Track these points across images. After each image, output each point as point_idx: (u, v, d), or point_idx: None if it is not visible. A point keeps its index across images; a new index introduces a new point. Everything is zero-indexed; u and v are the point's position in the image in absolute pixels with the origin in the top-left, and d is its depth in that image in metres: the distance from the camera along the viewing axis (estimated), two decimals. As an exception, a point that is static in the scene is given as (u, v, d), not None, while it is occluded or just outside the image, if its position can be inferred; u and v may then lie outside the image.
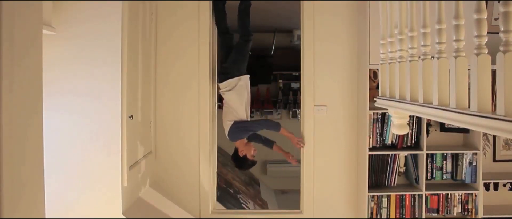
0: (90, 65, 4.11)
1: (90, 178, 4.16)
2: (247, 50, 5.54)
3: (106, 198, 4.18)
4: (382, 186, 5.45)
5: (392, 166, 5.38)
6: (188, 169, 5.61)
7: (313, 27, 5.47)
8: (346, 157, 5.60)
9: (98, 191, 4.17)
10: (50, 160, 3.41)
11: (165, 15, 5.51)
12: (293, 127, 6.36)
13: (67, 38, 4.07)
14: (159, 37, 5.50)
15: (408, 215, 5.35)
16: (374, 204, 5.33)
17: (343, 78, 5.53)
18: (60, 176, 4.06)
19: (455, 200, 5.39)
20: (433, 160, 5.40)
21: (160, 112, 5.57)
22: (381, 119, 5.28)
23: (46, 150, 2.27)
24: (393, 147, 5.40)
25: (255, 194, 9.79)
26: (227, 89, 5.26)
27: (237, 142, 5.29)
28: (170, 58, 5.54)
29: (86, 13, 4.09)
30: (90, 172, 4.15)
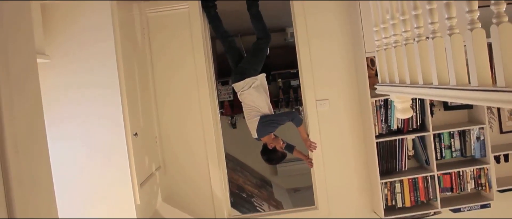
0: (88, 89, 4.11)
1: (103, 200, 4.16)
2: (265, 51, 5.52)
3: (121, 217, 4.18)
4: (393, 172, 5.45)
5: (401, 151, 5.37)
6: (199, 179, 5.62)
7: (305, 24, 5.48)
8: (354, 147, 5.60)
9: (112, 212, 4.17)
10: (62, 187, 3.43)
11: (157, 29, 5.52)
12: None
13: (62, 65, 4.08)
14: (154, 52, 5.51)
15: (423, 197, 5.35)
16: (388, 190, 5.33)
17: (341, 70, 5.54)
18: (74, 202, 4.07)
19: (468, 177, 5.39)
20: (440, 139, 5.40)
21: (164, 126, 5.59)
22: (384, 105, 5.28)
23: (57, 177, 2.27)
24: (399, 132, 5.40)
25: (268, 195, 9.78)
26: (245, 89, 5.23)
27: (265, 138, 5.23)
28: (167, 71, 5.55)
29: (78, 37, 4.10)
30: (102, 194, 4.15)
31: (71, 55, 4.10)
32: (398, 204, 5.36)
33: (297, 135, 5.47)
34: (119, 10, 4.25)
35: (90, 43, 4.10)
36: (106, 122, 4.13)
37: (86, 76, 4.11)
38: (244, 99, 5.29)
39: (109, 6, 4.08)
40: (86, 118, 4.13)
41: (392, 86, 3.47)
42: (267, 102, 5.29)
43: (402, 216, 5.28)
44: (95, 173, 4.15)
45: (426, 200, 5.38)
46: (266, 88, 5.40)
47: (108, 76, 4.09)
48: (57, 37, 4.09)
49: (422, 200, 5.37)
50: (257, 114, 5.17)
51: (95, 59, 4.11)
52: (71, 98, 4.11)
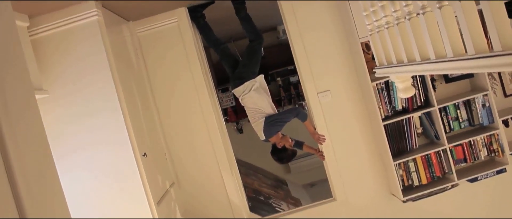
0: (91, 117, 4.12)
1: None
2: (259, 52, 5.52)
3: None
4: (405, 152, 5.45)
5: (409, 130, 5.37)
6: (214, 189, 5.62)
7: (295, 19, 5.48)
8: (363, 133, 5.60)
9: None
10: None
11: (149, 47, 5.52)
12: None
13: (62, 97, 4.10)
14: (150, 70, 5.51)
15: (438, 172, 5.35)
16: (403, 171, 5.33)
17: (338, 59, 5.53)
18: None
19: (479, 145, 5.38)
20: (446, 112, 5.39)
21: (171, 142, 5.59)
22: (385, 88, 5.28)
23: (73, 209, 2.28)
24: (405, 111, 5.39)
25: (285, 194, 9.77)
26: (246, 93, 5.23)
27: (273, 138, 5.23)
28: (166, 87, 5.55)
29: (73, 68, 4.11)
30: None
31: (69, 87, 4.11)
32: (415, 182, 5.36)
33: (304, 131, 5.47)
34: (109, 35, 4.26)
35: (86, 72, 4.11)
36: (113, 147, 4.13)
37: (87, 105, 4.12)
38: (246, 103, 5.29)
39: (99, 32, 4.09)
40: (94, 146, 4.14)
41: (390, 67, 3.47)
42: (270, 103, 5.29)
43: (421, 193, 5.27)
44: (111, 199, 4.15)
45: (442, 175, 5.38)
46: (266, 89, 5.40)
47: (108, 102, 4.10)
48: (52, 71, 4.10)
49: (438, 175, 5.36)
50: (261, 116, 5.17)
51: (93, 86, 4.12)
52: (76, 129, 4.12)
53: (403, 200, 5.27)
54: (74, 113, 4.12)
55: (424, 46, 2.75)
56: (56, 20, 4.04)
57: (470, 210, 5.71)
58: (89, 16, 4.06)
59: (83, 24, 4.09)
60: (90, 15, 4.05)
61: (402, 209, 5.61)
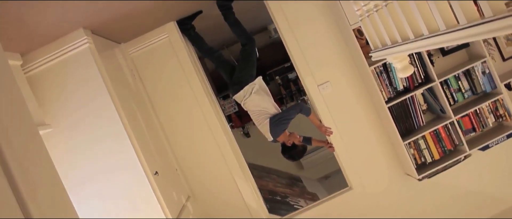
0: (98, 144, 4.13)
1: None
2: (254, 54, 5.49)
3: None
4: (413, 131, 5.44)
5: (414, 108, 5.36)
6: (230, 197, 5.62)
7: (284, 16, 5.47)
8: (368, 119, 5.60)
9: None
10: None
11: (144, 66, 5.52)
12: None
13: (66, 128, 4.10)
14: (148, 88, 5.52)
15: (449, 145, 5.34)
16: (414, 149, 5.33)
17: (332, 49, 5.53)
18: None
19: (485, 112, 5.37)
20: (448, 85, 5.39)
21: (181, 156, 5.59)
22: (384, 70, 5.27)
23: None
24: (406, 90, 5.39)
25: (301, 191, 9.78)
26: (247, 97, 5.23)
27: (280, 137, 5.21)
28: (167, 103, 5.55)
29: (72, 98, 4.12)
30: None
31: (71, 117, 4.12)
32: (428, 159, 5.36)
33: (310, 126, 5.47)
34: (103, 60, 4.27)
35: (85, 100, 4.11)
36: (124, 170, 4.14)
37: (92, 133, 4.13)
38: (249, 107, 5.28)
39: (93, 58, 4.09)
40: (105, 173, 4.14)
41: (385, 49, 3.46)
42: (272, 103, 5.29)
43: (435, 169, 5.27)
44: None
45: (453, 148, 5.37)
46: (266, 90, 5.40)
47: (112, 126, 4.11)
48: (52, 104, 4.11)
49: (449, 149, 5.36)
50: (265, 117, 5.17)
51: (95, 113, 4.12)
52: (85, 158, 4.13)
53: (418, 178, 5.27)
54: (80, 142, 4.13)
55: (416, 23, 2.75)
56: (48, 53, 4.05)
57: (486, 178, 5.71)
58: (80, 45, 4.06)
59: (75, 53, 4.09)
60: (81, 44, 4.06)
61: (419, 187, 5.60)
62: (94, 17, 4.00)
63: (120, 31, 4.95)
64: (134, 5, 4.17)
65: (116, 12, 4.12)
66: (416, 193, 5.67)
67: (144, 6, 4.32)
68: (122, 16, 4.33)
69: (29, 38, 3.77)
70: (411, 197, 5.69)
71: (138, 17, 4.67)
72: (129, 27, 4.97)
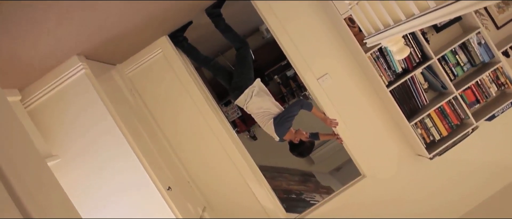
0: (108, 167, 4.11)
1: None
2: (249, 57, 5.50)
3: None
4: (417, 111, 5.44)
5: (415, 88, 5.36)
6: (246, 202, 5.62)
7: (274, 15, 5.47)
8: (372, 105, 5.59)
9: None
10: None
11: (142, 83, 5.53)
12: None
13: (74, 156, 4.09)
14: (150, 105, 5.52)
15: (456, 120, 5.33)
16: (421, 129, 5.32)
17: (326, 41, 5.52)
18: None
19: (487, 82, 5.36)
20: (446, 60, 5.38)
21: (191, 168, 5.60)
22: (380, 55, 5.27)
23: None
24: (406, 72, 5.38)
25: (315, 186, 9.79)
26: (248, 101, 5.23)
27: (287, 135, 5.22)
28: (170, 117, 5.56)
29: (76, 125, 4.11)
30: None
31: (77, 145, 4.11)
32: (436, 137, 5.36)
33: (316, 120, 5.47)
34: (101, 84, 4.27)
35: (89, 125, 4.11)
36: (137, 189, 4.13)
37: (100, 157, 4.12)
38: (251, 110, 5.29)
39: (90, 84, 4.09)
40: (119, 194, 4.13)
41: (379, 34, 3.46)
42: (273, 102, 5.29)
43: (445, 146, 5.26)
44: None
45: (459, 122, 5.36)
46: (266, 90, 5.40)
47: (119, 148, 4.10)
48: (57, 134, 4.10)
49: (456, 124, 5.35)
50: (269, 117, 5.17)
51: (100, 137, 4.12)
52: (97, 183, 4.12)
53: (429, 157, 5.27)
54: (91, 168, 4.12)
55: (406, 4, 2.75)
56: (46, 85, 4.05)
57: (496, 147, 5.70)
58: (76, 72, 4.06)
59: (73, 81, 4.09)
60: (77, 71, 4.06)
61: (431, 166, 5.60)
62: (86, 42, 4.00)
63: (114, 53, 4.96)
64: (124, 25, 4.17)
65: (107, 34, 4.12)
66: (429, 172, 5.67)
67: (133, 25, 4.32)
68: (114, 37, 4.33)
69: (25, 72, 3.77)
70: (425, 176, 5.69)
71: (129, 37, 4.67)
72: (122, 48, 4.97)
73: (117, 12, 3.68)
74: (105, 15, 3.58)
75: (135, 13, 4.00)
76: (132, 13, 3.94)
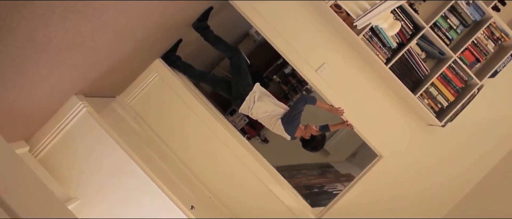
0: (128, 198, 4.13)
1: None
2: (243, 64, 5.51)
3: None
4: (420, 81, 5.42)
5: (414, 60, 5.34)
6: (271, 206, 5.62)
7: (261, 16, 5.47)
8: (375, 85, 5.59)
9: None
10: None
11: (145, 109, 5.55)
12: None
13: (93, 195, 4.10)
14: (157, 129, 5.54)
15: (460, 84, 5.32)
16: (427, 99, 5.31)
17: (317, 31, 5.53)
18: None
19: (483, 40, 5.34)
20: (438, 26, 5.36)
21: (209, 182, 5.61)
22: (373, 34, 5.25)
23: None
24: (401, 45, 5.36)
25: (335, 176, 9.79)
26: (251, 107, 5.24)
27: (297, 132, 5.23)
28: (179, 137, 5.58)
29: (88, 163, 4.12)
30: None
31: (94, 183, 4.12)
32: (444, 104, 5.34)
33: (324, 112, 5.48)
34: (105, 118, 4.28)
35: (101, 161, 4.12)
36: (162, 214, 4.14)
37: (119, 189, 4.13)
38: (257, 115, 5.29)
39: (94, 120, 4.10)
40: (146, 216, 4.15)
41: (367, 14, 3.46)
42: (277, 104, 5.30)
43: (454, 111, 5.24)
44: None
45: (464, 84, 5.35)
46: (267, 93, 5.41)
47: (135, 177, 4.11)
48: (71, 177, 4.11)
49: (461, 87, 5.34)
50: (276, 119, 5.18)
51: (115, 171, 4.12)
52: (120, 216, 4.13)
53: (441, 125, 5.25)
54: (111, 202, 4.13)
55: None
56: (51, 130, 4.06)
57: (506, 101, 5.67)
58: (78, 112, 4.07)
59: (76, 121, 4.10)
60: (79, 110, 4.07)
61: (445, 133, 5.57)
62: (82, 81, 4.01)
63: (111, 86, 4.97)
64: (114, 57, 4.17)
65: (100, 70, 4.12)
66: (445, 139, 5.65)
67: (124, 54, 4.32)
68: (107, 71, 4.33)
69: (28, 122, 3.78)
70: (441, 144, 5.67)
71: (122, 67, 4.68)
72: (118, 79, 4.99)
73: (105, 46, 3.68)
74: (93, 52, 3.58)
75: (123, 43, 4.00)
76: (120, 43, 3.94)
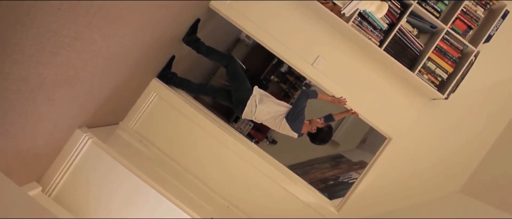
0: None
1: None
2: (239, 70, 5.50)
3: None
4: (417, 58, 5.42)
5: (407, 37, 5.34)
6: (289, 206, 5.64)
7: (248, 19, 5.48)
8: (373, 70, 5.60)
9: None
10: None
11: (149, 130, 5.57)
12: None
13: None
14: (164, 148, 5.54)
15: (456, 54, 5.32)
16: (426, 74, 5.30)
17: (306, 25, 5.54)
18: None
19: (472, 7, 5.33)
20: (426, 1, 5.35)
21: (224, 192, 5.62)
22: (362, 19, 5.24)
23: None
24: (392, 25, 5.36)
25: (348, 165, 9.79)
26: (254, 111, 5.25)
27: (303, 128, 5.24)
28: (188, 152, 5.59)
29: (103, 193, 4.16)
30: None
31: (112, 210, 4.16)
32: (443, 76, 5.33)
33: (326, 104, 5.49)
34: (111, 146, 4.31)
35: (116, 189, 4.16)
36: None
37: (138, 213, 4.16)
38: (260, 118, 5.30)
39: (101, 150, 4.13)
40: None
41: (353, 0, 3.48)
42: (278, 103, 5.30)
43: (455, 81, 5.23)
44: None
45: (460, 54, 5.35)
46: (267, 95, 5.41)
47: (152, 199, 4.15)
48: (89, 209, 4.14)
49: (458, 57, 5.33)
50: (280, 119, 5.19)
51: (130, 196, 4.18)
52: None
53: (445, 97, 5.24)
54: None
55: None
56: (60, 167, 4.08)
57: (505, 63, 5.66)
58: (84, 144, 4.09)
59: (84, 153, 4.13)
60: (84, 142, 4.09)
61: (450, 104, 5.55)
62: (82, 114, 4.03)
63: (112, 113, 4.99)
64: (110, 85, 4.19)
65: (98, 99, 4.14)
66: (450, 111, 5.63)
67: (119, 80, 4.34)
68: (106, 99, 4.35)
69: (36, 163, 3.80)
70: (448, 116, 5.65)
71: (120, 92, 4.69)
72: (118, 106, 5.00)
73: (99, 75, 3.70)
74: (89, 82, 3.60)
75: (116, 69, 4.02)
76: (113, 70, 3.96)
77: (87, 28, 2.84)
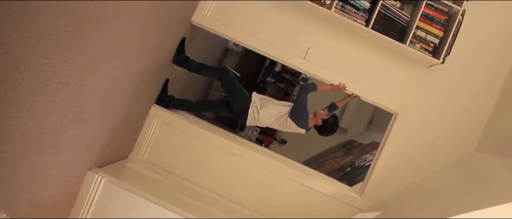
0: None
1: None
2: (233, 80, 5.52)
3: None
4: (405, 29, 5.41)
5: (391, 11, 5.33)
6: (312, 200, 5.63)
7: (233, 27, 5.49)
8: (365, 50, 5.60)
9: None
10: None
11: (159, 156, 5.58)
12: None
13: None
14: (176, 171, 5.54)
15: (443, 17, 5.32)
16: (418, 43, 5.29)
17: (291, 21, 5.56)
18: None
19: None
20: (403, -29, 5.37)
21: (247, 202, 5.61)
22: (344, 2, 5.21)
23: None
24: (374, 2, 5.34)
25: (361, 149, 9.78)
26: (257, 117, 5.26)
27: (309, 123, 5.26)
28: (202, 170, 5.58)
29: None
30: None
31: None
32: (435, 41, 5.31)
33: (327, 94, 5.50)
34: (125, 180, 4.33)
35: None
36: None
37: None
38: (265, 123, 5.32)
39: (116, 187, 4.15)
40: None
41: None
42: (279, 104, 5.32)
43: (447, 44, 5.21)
44: None
45: (447, 16, 5.31)
46: (266, 98, 5.42)
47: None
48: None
49: (445, 19, 5.31)
50: (284, 119, 5.21)
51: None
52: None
53: (441, 62, 5.23)
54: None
55: None
56: (80, 212, 4.10)
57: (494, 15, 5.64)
58: (98, 184, 4.11)
59: (100, 193, 4.15)
60: (99, 182, 4.11)
61: (447, 67, 5.52)
62: (89, 155, 4.04)
63: (119, 148, 4.99)
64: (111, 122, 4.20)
65: (102, 138, 4.15)
66: (449, 73, 5.62)
67: (119, 115, 4.35)
68: (110, 136, 4.36)
69: (53, 213, 3.80)
70: (448, 79, 5.63)
71: (123, 125, 4.70)
72: (123, 139, 5.01)
73: (98, 113, 3.71)
74: (89, 122, 3.60)
75: (113, 103, 4.03)
76: (111, 105, 3.97)
77: (77, 70, 2.84)
